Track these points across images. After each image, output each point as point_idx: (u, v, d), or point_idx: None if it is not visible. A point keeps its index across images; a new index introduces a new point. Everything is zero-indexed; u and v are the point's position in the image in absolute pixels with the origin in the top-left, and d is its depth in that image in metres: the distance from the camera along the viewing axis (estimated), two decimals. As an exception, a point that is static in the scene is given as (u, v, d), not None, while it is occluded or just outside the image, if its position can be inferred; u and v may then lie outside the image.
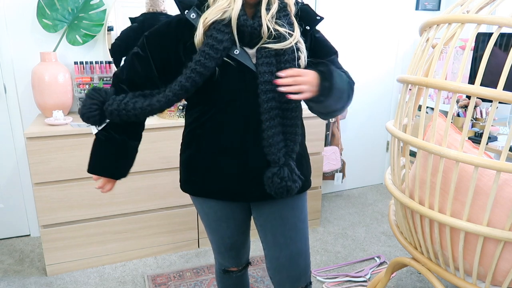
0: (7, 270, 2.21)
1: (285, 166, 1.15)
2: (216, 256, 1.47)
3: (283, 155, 1.16)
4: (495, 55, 2.22)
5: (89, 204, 2.12)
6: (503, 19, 1.14)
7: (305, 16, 1.22)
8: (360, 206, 3.06)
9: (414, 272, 2.21)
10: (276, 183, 1.14)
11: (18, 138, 2.38)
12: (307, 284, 1.34)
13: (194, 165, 1.27)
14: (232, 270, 1.47)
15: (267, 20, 1.12)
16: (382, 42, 3.13)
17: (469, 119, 1.21)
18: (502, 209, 1.24)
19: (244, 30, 1.12)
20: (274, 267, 1.32)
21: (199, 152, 1.24)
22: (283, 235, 1.28)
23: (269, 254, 1.32)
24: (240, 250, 1.43)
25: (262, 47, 1.13)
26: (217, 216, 1.32)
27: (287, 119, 1.17)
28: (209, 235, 1.41)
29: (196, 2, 1.16)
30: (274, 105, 1.14)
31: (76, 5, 2.23)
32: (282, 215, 1.28)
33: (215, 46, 1.10)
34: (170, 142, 2.18)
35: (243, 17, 1.11)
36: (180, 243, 2.38)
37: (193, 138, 1.25)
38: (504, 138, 2.43)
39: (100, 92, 1.18)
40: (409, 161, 1.71)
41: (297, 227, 1.29)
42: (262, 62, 1.13)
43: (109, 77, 2.33)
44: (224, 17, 1.11)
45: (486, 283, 1.30)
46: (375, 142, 3.36)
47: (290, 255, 1.29)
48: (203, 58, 1.10)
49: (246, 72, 1.15)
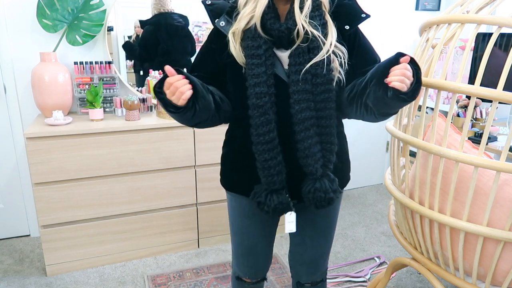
0: (7, 270, 2.21)
1: (324, 177, 1.12)
2: (233, 261, 1.44)
3: (320, 166, 1.12)
4: (495, 55, 2.22)
5: (89, 204, 2.12)
6: (503, 19, 1.14)
7: (347, 13, 1.14)
8: (360, 206, 3.06)
9: (414, 272, 2.21)
10: (319, 198, 1.11)
11: (18, 138, 2.38)
12: (322, 279, 1.41)
13: (229, 162, 1.28)
14: (245, 280, 1.43)
15: (302, 20, 1.07)
16: (382, 42, 3.13)
17: (469, 119, 1.21)
18: (502, 209, 1.24)
19: (272, 34, 1.10)
20: (296, 261, 1.39)
21: (234, 151, 1.25)
22: (311, 238, 1.32)
23: (294, 250, 1.38)
24: (258, 259, 1.39)
25: (296, 52, 1.09)
26: (243, 212, 1.30)
27: (322, 127, 1.12)
28: (232, 236, 1.39)
29: (227, 9, 1.15)
30: (309, 115, 1.10)
31: (76, 5, 2.23)
32: (314, 220, 1.30)
33: (256, 53, 1.08)
34: (170, 142, 2.18)
35: (270, 21, 1.08)
36: (180, 243, 2.38)
37: (231, 137, 1.28)
38: (504, 138, 2.43)
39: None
40: (409, 161, 1.71)
41: (326, 233, 1.33)
42: (295, 70, 1.09)
43: (109, 77, 2.33)
44: (251, 23, 1.09)
45: (486, 283, 1.30)
46: (375, 142, 3.37)
47: (314, 255, 1.34)
48: (250, 71, 1.09)
49: (276, 79, 1.11)
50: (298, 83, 1.09)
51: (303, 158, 1.11)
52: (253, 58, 1.08)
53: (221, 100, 1.15)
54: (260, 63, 1.08)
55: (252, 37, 1.09)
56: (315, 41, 1.08)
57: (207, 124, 1.17)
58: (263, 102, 1.09)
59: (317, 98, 1.10)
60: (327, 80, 1.09)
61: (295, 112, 1.09)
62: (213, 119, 1.15)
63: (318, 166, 1.11)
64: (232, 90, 1.19)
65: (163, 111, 2.24)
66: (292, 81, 1.09)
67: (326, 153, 1.13)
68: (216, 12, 1.16)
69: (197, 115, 1.06)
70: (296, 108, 1.09)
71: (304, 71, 1.08)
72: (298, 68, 1.08)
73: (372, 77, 1.02)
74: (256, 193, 1.16)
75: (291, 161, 1.14)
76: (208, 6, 1.17)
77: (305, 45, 1.08)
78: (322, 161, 1.12)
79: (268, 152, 1.10)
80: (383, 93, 0.97)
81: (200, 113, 1.06)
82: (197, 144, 2.24)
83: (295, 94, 1.09)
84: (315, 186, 1.11)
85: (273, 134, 1.10)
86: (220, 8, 1.16)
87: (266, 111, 1.09)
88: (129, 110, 2.15)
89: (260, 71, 1.08)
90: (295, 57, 1.09)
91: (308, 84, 1.08)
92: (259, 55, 1.08)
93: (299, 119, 1.09)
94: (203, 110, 1.06)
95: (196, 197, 2.33)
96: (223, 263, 2.29)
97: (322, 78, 1.08)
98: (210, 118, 1.13)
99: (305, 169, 1.12)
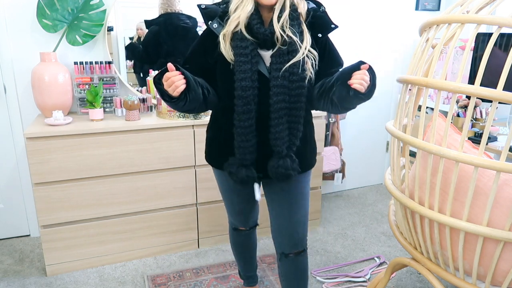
0: (7, 270, 2.21)
1: (287, 157, 1.35)
2: (229, 217, 1.75)
3: (286, 147, 1.35)
4: (495, 55, 2.22)
5: (89, 204, 2.12)
6: (503, 19, 1.14)
7: (320, 23, 1.38)
8: (360, 206, 3.06)
9: (414, 272, 2.21)
10: (280, 173, 1.35)
11: (18, 138, 2.38)
12: (303, 249, 1.59)
13: (214, 143, 1.52)
14: (241, 229, 1.76)
15: (279, 28, 1.29)
16: (382, 42, 3.13)
17: (469, 119, 1.21)
18: (502, 209, 1.24)
19: (258, 37, 1.31)
20: (278, 232, 1.57)
21: (220, 135, 1.46)
22: (287, 207, 1.52)
23: (274, 222, 1.57)
24: (248, 215, 1.70)
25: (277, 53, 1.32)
26: (230, 187, 1.57)
27: (292, 116, 1.35)
28: (224, 201, 1.68)
29: (220, 13, 1.37)
30: (283, 106, 1.32)
31: (76, 5, 2.23)
32: (288, 191, 1.50)
33: (243, 52, 1.30)
34: (170, 142, 2.18)
35: (256, 26, 1.30)
36: (180, 243, 2.38)
37: (215, 122, 1.50)
38: (504, 138, 2.43)
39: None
40: (409, 161, 1.71)
41: (299, 202, 1.52)
42: (275, 68, 1.31)
43: (109, 77, 2.33)
44: (239, 27, 1.31)
45: (486, 283, 1.30)
46: (375, 142, 3.37)
47: (291, 223, 1.53)
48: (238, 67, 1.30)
49: (259, 75, 1.33)
50: (277, 79, 1.31)
51: (274, 139, 1.34)
52: (240, 56, 1.30)
53: (208, 92, 1.38)
54: (246, 60, 1.30)
55: (240, 38, 1.31)
56: (294, 45, 1.30)
57: (195, 111, 1.44)
58: (247, 94, 1.31)
59: (292, 92, 1.33)
60: (301, 78, 1.33)
61: (273, 103, 1.32)
62: (201, 107, 1.39)
63: (284, 147, 1.35)
64: (221, 83, 1.41)
65: (163, 111, 2.24)
66: (272, 77, 1.32)
67: (292, 138, 1.37)
68: (210, 15, 1.38)
69: (188, 104, 1.29)
70: (274, 99, 1.32)
71: (284, 69, 1.30)
72: (279, 66, 1.31)
73: (338, 78, 1.26)
74: (229, 164, 1.40)
75: (265, 142, 1.36)
76: (203, 9, 1.39)
77: (285, 48, 1.31)
78: (288, 144, 1.36)
79: (245, 135, 1.34)
80: (346, 93, 1.21)
81: (190, 103, 1.29)
82: (197, 144, 2.24)
83: (274, 87, 1.32)
84: (279, 163, 1.35)
85: (251, 121, 1.34)
86: (213, 12, 1.38)
87: (249, 102, 1.32)
88: (129, 110, 2.15)
89: (246, 68, 1.30)
90: (276, 57, 1.32)
91: (285, 80, 1.31)
92: (246, 54, 1.30)
93: (275, 108, 1.32)
94: (192, 101, 1.29)
95: (196, 197, 2.33)
96: (223, 263, 2.29)
97: (297, 76, 1.32)
98: (198, 106, 1.37)
99: (273, 148, 1.35)
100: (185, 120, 2.19)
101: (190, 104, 1.30)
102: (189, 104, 1.29)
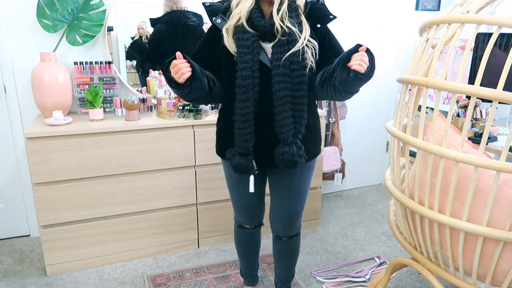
0: (7, 270, 2.21)
1: (293, 144, 1.39)
2: (235, 213, 1.78)
3: (291, 134, 1.40)
4: (495, 55, 2.22)
5: (89, 204, 2.12)
6: (503, 19, 1.14)
7: (318, 15, 1.43)
8: (360, 206, 3.06)
9: (414, 272, 2.21)
10: (287, 159, 1.38)
11: (18, 138, 2.38)
12: (297, 233, 1.71)
13: (222, 134, 1.57)
14: (246, 227, 1.78)
15: (279, 20, 1.35)
16: (382, 42, 3.13)
17: (469, 119, 1.21)
18: (502, 209, 1.24)
19: (259, 29, 1.38)
20: (276, 218, 1.68)
21: (227, 126, 1.49)
22: (287, 199, 1.60)
23: (274, 209, 1.67)
24: (254, 211, 1.72)
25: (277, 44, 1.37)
26: (237, 177, 1.58)
27: (296, 104, 1.39)
28: (231, 195, 1.71)
29: (222, 9, 1.44)
30: (286, 93, 1.37)
31: (76, 5, 2.23)
32: (290, 183, 1.57)
33: (244, 44, 1.37)
34: (170, 142, 2.18)
35: (257, 19, 1.37)
36: (180, 243, 2.38)
37: (223, 115, 1.55)
38: (504, 138, 2.43)
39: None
40: (409, 161, 1.72)
41: (299, 195, 1.61)
42: (276, 57, 1.37)
43: (109, 77, 2.33)
44: (240, 21, 1.37)
45: (486, 283, 1.30)
46: (375, 142, 3.36)
47: (289, 213, 1.63)
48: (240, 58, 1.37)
49: (261, 65, 1.40)
50: (278, 68, 1.37)
51: (279, 127, 1.39)
52: (242, 48, 1.37)
53: (214, 84, 1.46)
54: (247, 52, 1.37)
55: (242, 31, 1.38)
56: (293, 35, 1.36)
57: (201, 101, 1.51)
58: (246, 83, 1.37)
59: (293, 80, 1.38)
60: (302, 67, 1.38)
61: (275, 91, 1.37)
62: (206, 97, 1.46)
63: (289, 134, 1.39)
64: (225, 75, 1.48)
65: (163, 111, 2.24)
66: (274, 66, 1.38)
67: (297, 125, 1.41)
68: (213, 12, 1.45)
69: (193, 92, 1.37)
70: (276, 87, 1.37)
71: (284, 58, 1.36)
72: (279, 56, 1.37)
73: (338, 63, 1.32)
74: (229, 151, 1.46)
75: (269, 131, 1.42)
76: (207, 7, 1.47)
77: (285, 39, 1.36)
78: (293, 131, 1.40)
79: (242, 123, 1.40)
80: (347, 75, 1.26)
81: (195, 91, 1.37)
82: (197, 144, 2.24)
83: (276, 76, 1.37)
84: (285, 150, 1.39)
85: (249, 110, 1.39)
86: (217, 9, 1.45)
87: (247, 91, 1.38)
88: (129, 110, 2.15)
89: (247, 58, 1.37)
90: (277, 47, 1.38)
91: (286, 69, 1.37)
92: (247, 46, 1.37)
93: (278, 96, 1.37)
94: (198, 89, 1.37)
95: (196, 197, 2.33)
96: (223, 263, 2.29)
97: (298, 65, 1.37)
98: (204, 96, 1.44)
99: (279, 136, 1.40)
100: (185, 120, 2.19)
101: (196, 92, 1.37)
102: (194, 92, 1.37)
